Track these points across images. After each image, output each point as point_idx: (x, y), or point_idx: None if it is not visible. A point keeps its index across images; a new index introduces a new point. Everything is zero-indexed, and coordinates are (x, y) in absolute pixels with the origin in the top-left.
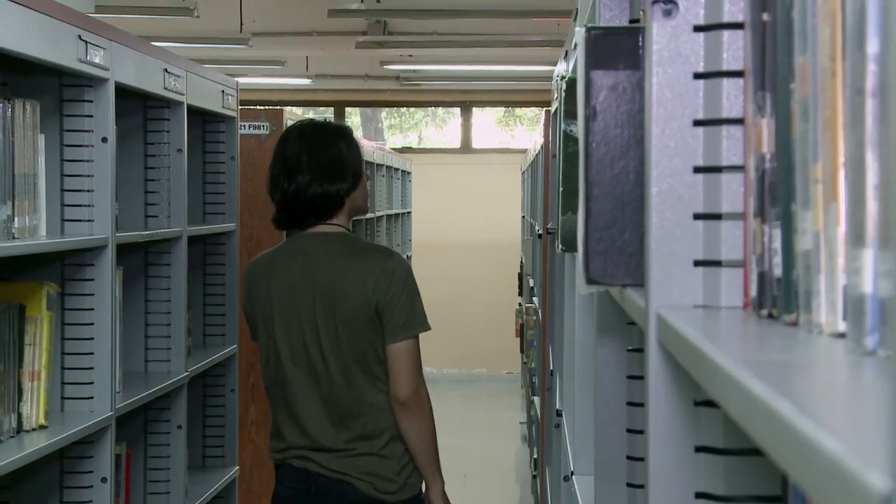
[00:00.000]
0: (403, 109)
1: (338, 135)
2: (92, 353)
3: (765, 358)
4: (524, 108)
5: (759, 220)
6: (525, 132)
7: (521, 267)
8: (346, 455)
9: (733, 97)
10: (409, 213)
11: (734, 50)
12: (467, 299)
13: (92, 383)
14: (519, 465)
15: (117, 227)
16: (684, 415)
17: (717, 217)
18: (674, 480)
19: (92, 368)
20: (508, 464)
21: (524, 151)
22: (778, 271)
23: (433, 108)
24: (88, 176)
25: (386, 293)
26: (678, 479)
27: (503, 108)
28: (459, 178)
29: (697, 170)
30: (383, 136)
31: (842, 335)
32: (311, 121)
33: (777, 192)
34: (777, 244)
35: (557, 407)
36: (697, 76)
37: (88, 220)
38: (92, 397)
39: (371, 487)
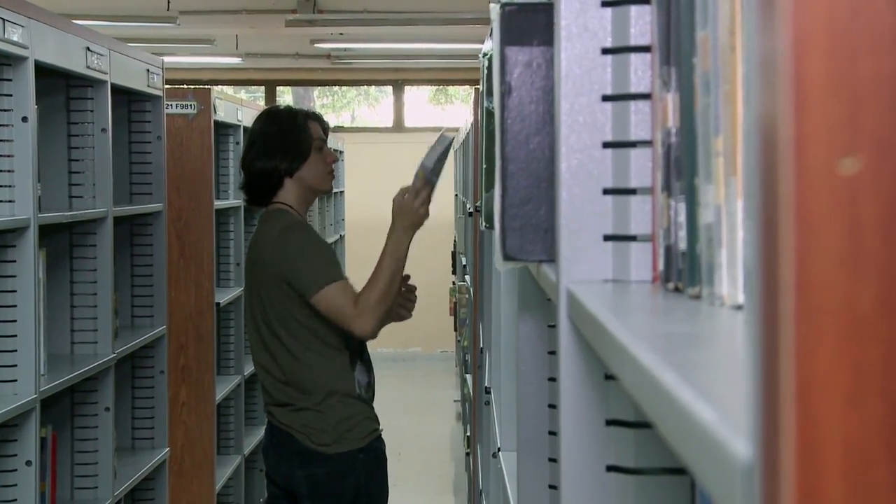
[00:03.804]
0: (336, 88)
1: (286, 117)
2: (15, 336)
3: (662, 330)
4: (457, 87)
5: (665, 195)
6: (458, 110)
7: (455, 245)
8: (291, 409)
9: (641, 72)
10: (341, 192)
11: (641, 25)
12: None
13: (15, 366)
14: (453, 442)
15: (40, 207)
16: (595, 389)
17: (625, 192)
18: (585, 454)
19: (15, 351)
20: (443, 442)
21: (456, 130)
22: (683, 245)
23: (365, 86)
24: (9, 156)
25: (283, 264)
26: (590, 452)
27: (435, 87)
28: (392, 158)
29: (606, 145)
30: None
31: (741, 307)
32: (276, 105)
33: (681, 167)
34: (682, 218)
35: (486, 384)
36: (605, 51)
37: (9, 201)
38: (15, 380)
39: (308, 439)
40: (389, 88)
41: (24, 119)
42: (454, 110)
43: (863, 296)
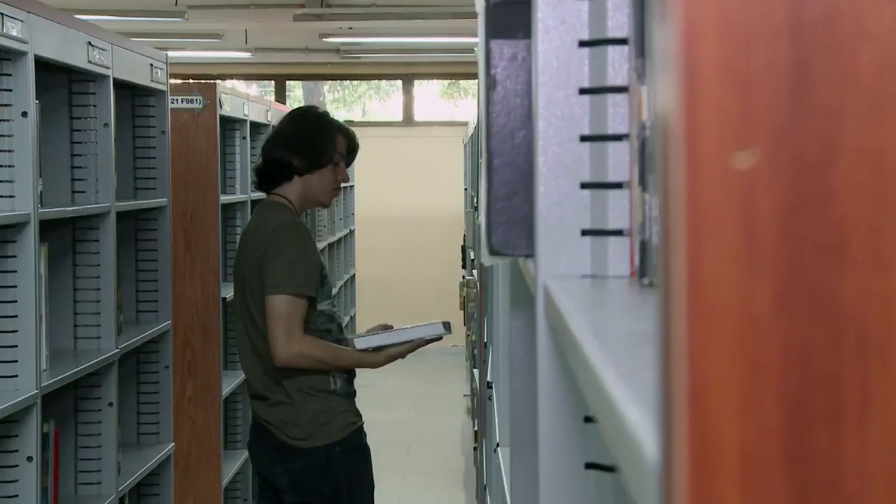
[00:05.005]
0: (347, 83)
1: (321, 121)
2: (16, 331)
3: (625, 328)
4: (469, 81)
5: (640, 189)
6: (471, 104)
7: (464, 240)
8: (268, 404)
9: (618, 65)
10: (351, 187)
11: (618, 17)
12: (412, 273)
13: (16, 361)
14: (463, 437)
15: (42, 202)
16: (572, 385)
17: (603, 186)
18: (563, 451)
19: (16, 346)
20: (453, 436)
21: (466, 124)
22: (657, 240)
23: (376, 80)
24: (9, 151)
25: (264, 254)
26: (568, 449)
27: (447, 80)
28: (402, 152)
29: (584, 139)
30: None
31: None
32: (314, 106)
33: (655, 160)
34: (656, 212)
35: (488, 379)
36: (583, 44)
37: (10, 196)
38: (16, 375)
39: (283, 434)
40: (399, 83)
41: (24, 114)
42: (466, 105)
43: (758, 294)
